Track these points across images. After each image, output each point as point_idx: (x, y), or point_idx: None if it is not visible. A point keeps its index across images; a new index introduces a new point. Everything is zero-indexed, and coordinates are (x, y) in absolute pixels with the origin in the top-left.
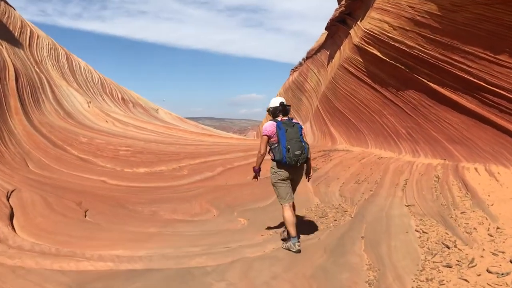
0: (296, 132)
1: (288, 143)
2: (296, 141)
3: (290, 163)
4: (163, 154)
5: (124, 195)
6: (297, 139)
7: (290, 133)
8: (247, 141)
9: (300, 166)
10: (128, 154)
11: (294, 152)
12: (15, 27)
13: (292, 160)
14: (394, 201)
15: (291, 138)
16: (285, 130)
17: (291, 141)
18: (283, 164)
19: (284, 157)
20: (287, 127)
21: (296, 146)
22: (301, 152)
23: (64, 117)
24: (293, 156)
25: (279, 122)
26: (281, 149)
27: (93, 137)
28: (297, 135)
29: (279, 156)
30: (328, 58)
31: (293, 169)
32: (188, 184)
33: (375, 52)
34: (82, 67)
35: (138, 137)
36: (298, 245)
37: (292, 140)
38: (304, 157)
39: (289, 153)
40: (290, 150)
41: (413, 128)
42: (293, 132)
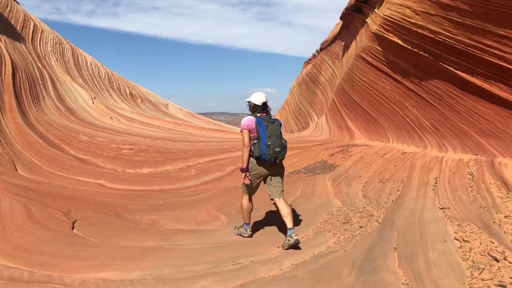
0: (277, 129)
1: (269, 140)
2: (276, 138)
3: (269, 160)
4: (170, 152)
5: (122, 201)
6: (277, 136)
7: (270, 130)
8: None
9: (278, 163)
10: (132, 153)
11: (274, 149)
12: (17, 21)
13: (271, 157)
14: (425, 203)
15: (272, 135)
16: (266, 126)
17: (271, 138)
18: (261, 161)
19: (264, 153)
20: (268, 123)
21: (276, 143)
22: (281, 149)
23: (65, 114)
24: (273, 153)
25: (259, 118)
26: (261, 146)
27: (94, 135)
28: (277, 132)
29: (258, 153)
30: (343, 49)
31: (272, 166)
32: (195, 186)
33: (396, 39)
34: (89, 62)
35: (144, 134)
36: (249, 230)
37: (272, 137)
38: (283, 154)
39: (269, 150)
40: (271, 147)
41: (439, 120)
42: (273, 128)
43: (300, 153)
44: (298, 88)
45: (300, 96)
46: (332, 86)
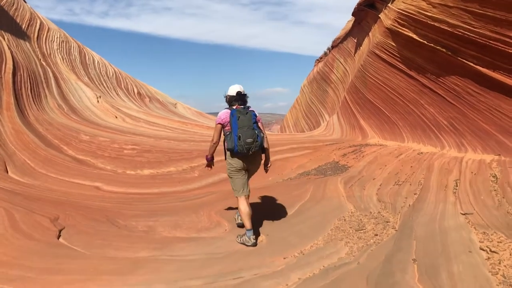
0: (249, 120)
1: (240, 131)
2: (248, 129)
3: (241, 151)
4: (174, 152)
5: (118, 205)
6: (249, 126)
7: (242, 121)
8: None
9: (254, 155)
10: (134, 154)
11: (246, 140)
12: (23, 19)
13: (243, 149)
14: (446, 208)
15: (243, 126)
16: (237, 117)
17: (242, 129)
18: (235, 153)
19: (236, 145)
20: (240, 115)
21: (247, 134)
22: (253, 140)
23: (67, 113)
24: (245, 144)
25: (233, 110)
26: (232, 138)
27: (96, 134)
28: (249, 123)
29: (230, 145)
30: (355, 46)
31: (247, 158)
32: (198, 188)
33: (411, 34)
34: (96, 60)
35: (149, 133)
36: (253, 238)
37: (243, 128)
38: (257, 145)
39: (240, 141)
40: (241, 138)
41: (457, 118)
42: (245, 119)
43: (310, 153)
44: (309, 87)
45: (311, 94)
46: (344, 84)
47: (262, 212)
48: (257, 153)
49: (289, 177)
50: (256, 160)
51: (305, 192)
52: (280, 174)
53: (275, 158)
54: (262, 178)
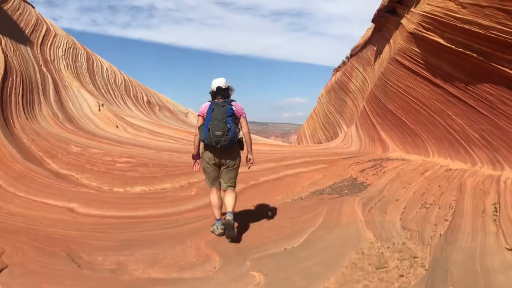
0: (223, 113)
1: (210, 123)
2: (219, 122)
3: (210, 144)
4: (174, 166)
5: (89, 233)
6: (221, 119)
7: (215, 113)
8: (283, 147)
9: (227, 150)
10: (127, 167)
11: (215, 133)
12: (28, 24)
13: (212, 141)
14: (486, 241)
15: (215, 118)
16: (212, 109)
17: (214, 121)
18: (206, 146)
19: (206, 137)
20: (215, 107)
21: (217, 127)
22: (222, 133)
23: (62, 122)
24: (213, 136)
25: (212, 103)
26: (204, 129)
27: (89, 145)
28: (223, 116)
29: (202, 136)
30: (375, 54)
31: (218, 152)
32: (193, 210)
33: (437, 39)
34: (105, 68)
35: (150, 144)
36: (221, 228)
37: (215, 121)
38: (227, 139)
39: (210, 133)
40: (211, 130)
41: (490, 131)
42: (219, 112)
43: (325, 169)
44: (327, 96)
45: (328, 104)
46: (363, 94)
47: (263, 242)
48: (230, 148)
49: (299, 197)
50: (228, 155)
51: (317, 216)
52: (290, 193)
53: (285, 174)
54: (269, 197)
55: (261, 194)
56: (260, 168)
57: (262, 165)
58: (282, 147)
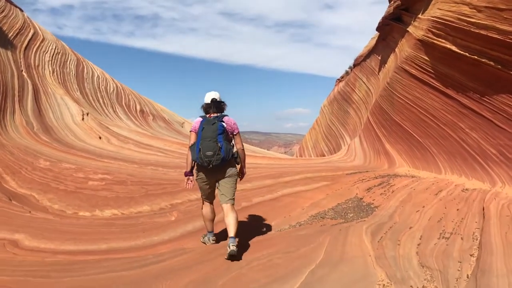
0: (214, 131)
1: (201, 143)
2: (209, 141)
3: (202, 165)
4: (156, 184)
5: (22, 278)
6: (211, 138)
7: (205, 132)
8: (283, 160)
9: (220, 168)
10: (100, 186)
11: (205, 153)
12: (12, 27)
13: (203, 161)
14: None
15: (205, 138)
16: (202, 128)
17: (204, 141)
18: (198, 165)
19: (197, 158)
20: (206, 125)
21: (207, 147)
22: (213, 153)
23: (36, 133)
24: (204, 157)
25: (204, 119)
26: (195, 149)
27: (61, 159)
28: (213, 134)
29: (193, 156)
30: (379, 63)
31: (211, 171)
32: (168, 241)
33: (449, 45)
34: (96, 75)
35: (134, 158)
36: (213, 239)
37: (205, 140)
38: (219, 159)
39: (201, 153)
40: (202, 150)
41: (510, 147)
42: (209, 130)
43: (327, 187)
44: (330, 107)
45: (331, 115)
46: (367, 105)
47: (252, 286)
48: (223, 166)
49: (298, 222)
50: (222, 172)
51: (318, 249)
52: (288, 217)
53: (283, 193)
54: (263, 223)
55: (254, 219)
56: (255, 186)
57: (258, 182)
58: (282, 160)
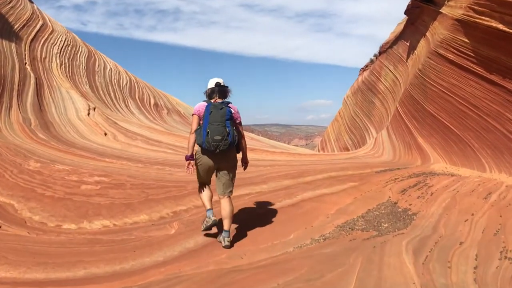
0: (222, 116)
1: (209, 127)
2: (218, 125)
3: (208, 148)
4: (159, 187)
5: None
6: (220, 123)
7: (213, 116)
8: (303, 156)
9: (225, 154)
10: (94, 191)
11: (214, 137)
12: (19, 18)
13: (211, 145)
14: None
15: (214, 122)
16: (210, 112)
17: (212, 125)
18: (204, 150)
19: (204, 141)
20: (213, 109)
21: (216, 131)
22: (221, 138)
23: (32, 130)
24: (212, 141)
25: (209, 104)
26: (202, 133)
27: (56, 159)
28: (222, 119)
29: (199, 140)
30: (408, 50)
31: (216, 156)
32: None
33: (494, 24)
34: (109, 68)
35: (139, 156)
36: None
37: (214, 124)
38: (227, 144)
39: (208, 137)
40: (209, 134)
41: None
42: (218, 115)
43: (354, 188)
44: (353, 98)
45: (355, 106)
46: (394, 95)
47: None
48: (228, 152)
49: (322, 234)
50: (227, 158)
51: (347, 275)
52: (309, 228)
53: (304, 197)
54: (279, 236)
55: (269, 232)
56: (271, 188)
57: (274, 182)
58: (302, 156)
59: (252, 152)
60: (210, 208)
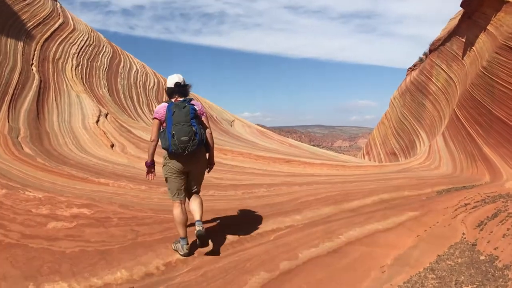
0: (186, 114)
1: (174, 128)
2: (183, 125)
3: (176, 151)
4: (157, 222)
5: None
6: (185, 122)
7: (177, 116)
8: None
9: (194, 155)
10: (64, 231)
11: (180, 138)
12: (34, 16)
13: (178, 148)
14: None
15: (178, 122)
16: (173, 112)
17: (177, 125)
18: (171, 154)
19: (170, 145)
20: (176, 109)
21: (182, 131)
22: (189, 138)
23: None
24: (179, 142)
25: (170, 104)
26: (166, 135)
27: (29, 184)
28: (186, 118)
29: (165, 144)
30: (464, 46)
31: (185, 159)
32: None
33: None
34: (135, 69)
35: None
36: (187, 247)
37: (178, 124)
38: (195, 144)
39: (174, 139)
40: (175, 135)
41: None
42: (181, 114)
43: (415, 220)
44: (401, 99)
45: (403, 108)
46: (448, 96)
47: None
48: (198, 153)
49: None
50: (197, 161)
51: None
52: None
53: (348, 238)
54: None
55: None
56: (306, 220)
57: (311, 211)
58: (346, 169)
59: (287, 164)
60: (184, 237)
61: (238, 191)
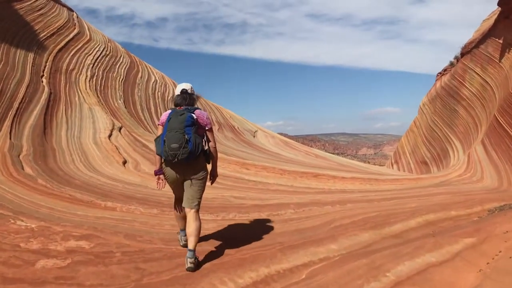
0: (181, 122)
1: (167, 135)
2: (175, 132)
3: (167, 159)
4: (167, 257)
5: None
6: (178, 129)
7: (172, 123)
8: (381, 183)
9: (189, 164)
10: (55, 271)
11: (170, 145)
12: (48, 26)
13: (168, 155)
14: None
15: (171, 129)
16: (169, 119)
17: (170, 132)
18: (165, 161)
19: (162, 151)
20: (173, 116)
21: (173, 138)
22: (179, 146)
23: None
24: (169, 149)
25: (172, 111)
26: (160, 142)
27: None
28: (180, 125)
29: (158, 150)
30: (501, 48)
31: (177, 167)
32: None
33: None
34: (153, 79)
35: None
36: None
37: (171, 131)
38: (186, 152)
39: (165, 146)
40: (166, 142)
41: None
42: (176, 121)
43: (473, 250)
44: (431, 106)
45: (433, 115)
46: (484, 101)
47: None
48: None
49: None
50: (192, 169)
51: None
52: None
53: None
54: None
55: None
56: (343, 250)
57: (348, 238)
58: (380, 183)
59: (315, 179)
60: (183, 229)
61: (262, 213)
